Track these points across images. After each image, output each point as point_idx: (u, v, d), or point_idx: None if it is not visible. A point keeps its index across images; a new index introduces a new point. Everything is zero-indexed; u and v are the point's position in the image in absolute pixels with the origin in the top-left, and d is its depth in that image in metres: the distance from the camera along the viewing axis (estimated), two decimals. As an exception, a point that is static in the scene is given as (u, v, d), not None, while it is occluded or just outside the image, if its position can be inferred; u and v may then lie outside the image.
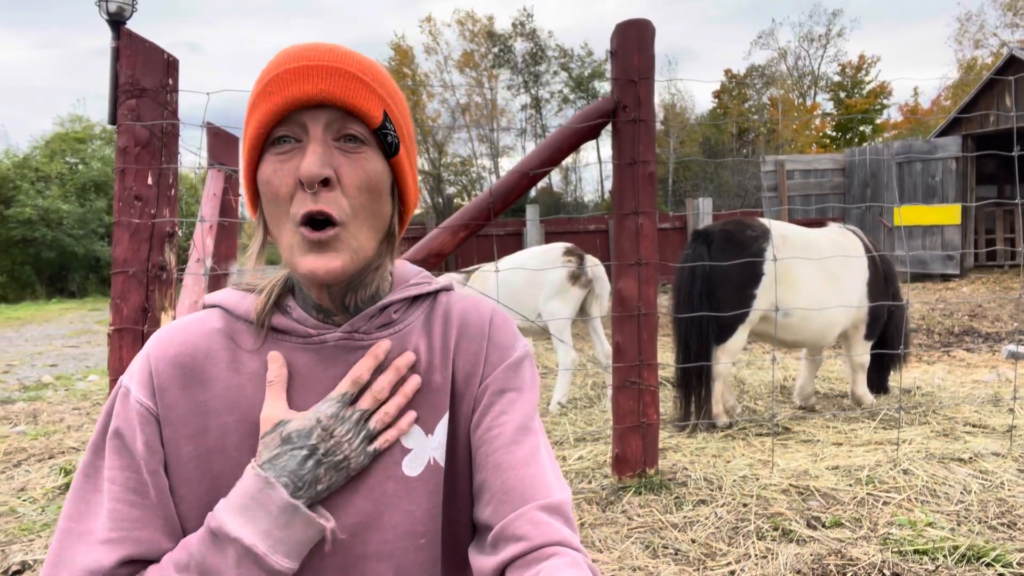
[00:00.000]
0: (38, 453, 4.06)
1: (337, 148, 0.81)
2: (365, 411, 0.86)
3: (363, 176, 0.82)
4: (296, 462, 0.81)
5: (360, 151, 0.82)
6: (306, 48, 0.82)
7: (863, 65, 36.06)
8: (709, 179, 28.74)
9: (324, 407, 0.85)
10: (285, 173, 0.81)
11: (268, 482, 0.80)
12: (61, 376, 7.09)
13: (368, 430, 0.85)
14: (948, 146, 13.43)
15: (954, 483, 3.08)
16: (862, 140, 35.04)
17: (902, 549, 2.47)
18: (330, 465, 0.83)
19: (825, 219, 8.99)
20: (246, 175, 0.85)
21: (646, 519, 2.86)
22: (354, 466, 0.84)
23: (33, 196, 21.68)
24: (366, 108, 0.81)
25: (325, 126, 0.80)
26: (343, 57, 0.82)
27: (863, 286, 4.52)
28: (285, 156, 0.81)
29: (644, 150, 3.11)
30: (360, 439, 0.85)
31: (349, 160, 0.82)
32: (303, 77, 0.79)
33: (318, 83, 0.79)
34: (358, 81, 0.81)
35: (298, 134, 0.81)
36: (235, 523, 0.78)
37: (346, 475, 0.84)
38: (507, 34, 32.63)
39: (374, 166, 0.83)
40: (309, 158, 0.78)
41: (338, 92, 0.79)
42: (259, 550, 0.77)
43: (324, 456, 0.82)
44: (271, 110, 0.79)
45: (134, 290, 2.75)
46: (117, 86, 2.79)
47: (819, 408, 4.76)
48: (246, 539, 0.77)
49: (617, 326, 3.17)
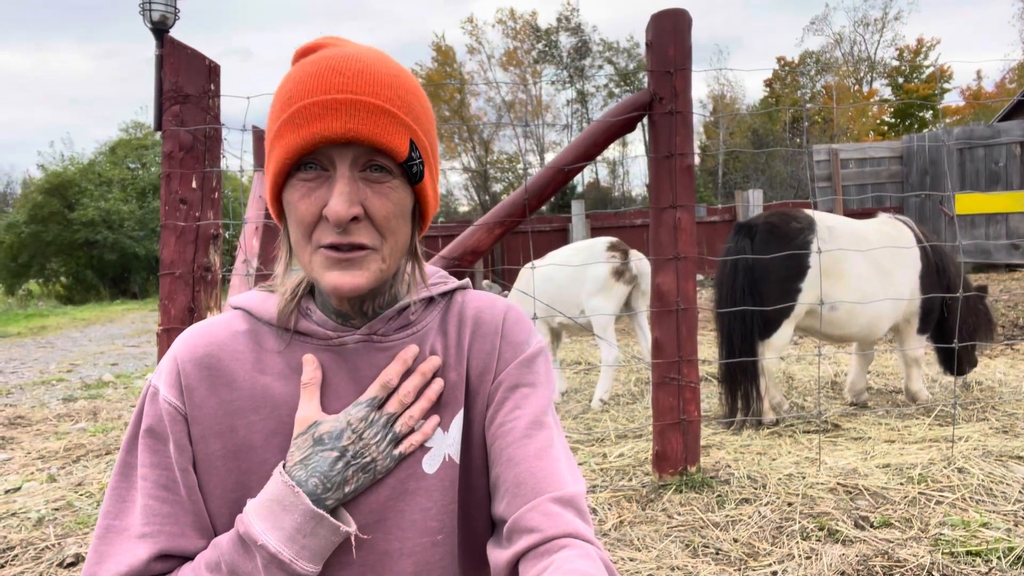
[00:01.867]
0: (96, 449, 4.22)
1: (363, 179, 0.82)
2: (392, 415, 0.88)
3: (390, 208, 0.83)
4: (327, 464, 0.83)
5: (386, 181, 0.83)
6: (331, 71, 0.80)
7: (921, 49, 34.78)
8: (761, 170, 28.10)
9: (354, 410, 0.87)
10: (311, 202, 0.81)
11: (294, 490, 0.81)
12: (121, 375, 7.35)
13: (394, 433, 0.87)
14: (1011, 130, 12.85)
15: (1012, 482, 2.95)
16: (922, 126, 33.81)
17: (953, 551, 2.37)
18: (358, 467, 0.85)
19: (875, 209, 8.69)
20: (272, 194, 0.86)
21: (687, 517, 2.82)
22: (380, 468, 0.86)
23: (96, 199, 22.50)
24: (393, 144, 0.81)
25: (352, 161, 0.81)
26: (370, 85, 0.80)
27: (915, 278, 4.36)
28: (311, 184, 0.82)
29: (681, 142, 3.06)
30: (387, 442, 0.87)
31: (376, 192, 0.82)
32: (330, 113, 0.78)
33: (346, 121, 0.78)
34: (385, 115, 0.80)
35: (324, 164, 0.81)
36: (261, 527, 0.80)
37: (372, 477, 0.86)
38: (552, 28, 32.51)
39: (399, 195, 0.84)
40: (336, 199, 0.79)
41: (365, 131, 0.79)
42: (284, 556, 0.79)
43: (353, 458, 0.84)
44: (298, 144, 0.79)
45: (180, 291, 2.83)
46: (162, 93, 2.88)
47: (871, 404, 4.62)
48: (271, 546, 0.79)
49: (656, 322, 3.13)
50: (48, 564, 2.63)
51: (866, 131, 33.21)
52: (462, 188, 34.97)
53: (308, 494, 0.82)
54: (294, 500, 0.81)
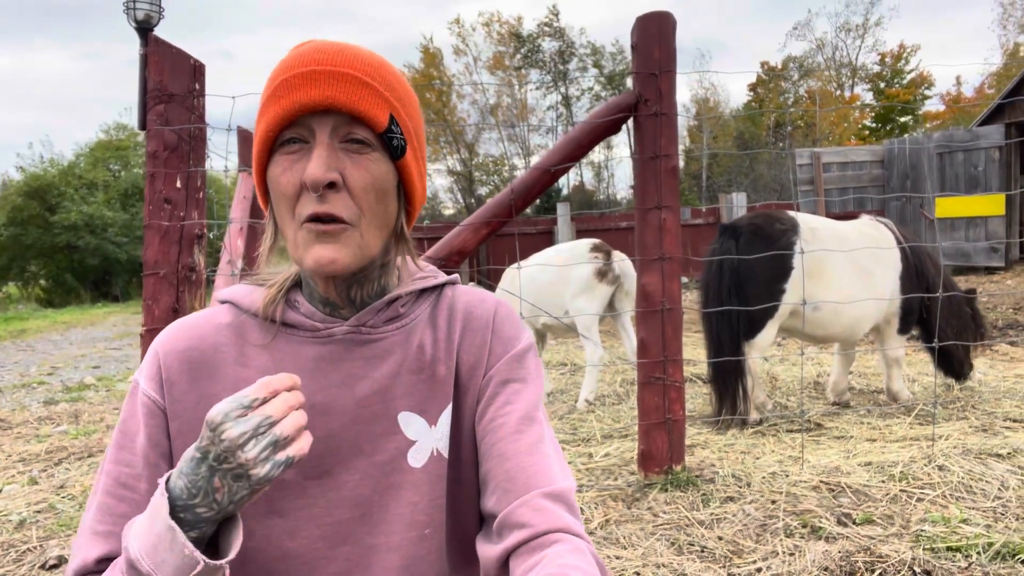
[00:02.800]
0: (78, 452, 4.18)
1: (343, 150, 0.83)
2: (268, 416, 0.73)
3: (368, 178, 0.83)
4: (191, 466, 0.73)
5: (365, 153, 0.83)
6: (315, 50, 0.83)
7: (903, 54, 35.21)
8: (744, 173, 28.30)
9: (217, 406, 0.73)
10: (292, 174, 0.82)
11: (162, 492, 0.74)
12: (103, 377, 7.28)
13: (275, 436, 0.73)
14: (990, 135, 13.04)
15: (991, 479, 2.99)
16: (903, 131, 34.20)
17: (934, 546, 2.41)
18: (225, 472, 0.72)
19: (857, 212, 8.79)
20: (257, 173, 0.87)
21: (672, 516, 2.84)
22: (258, 477, 0.72)
23: (78, 202, 22.24)
24: (371, 113, 0.82)
25: (331, 130, 0.82)
26: (350, 60, 0.83)
27: (895, 279, 4.42)
28: (293, 157, 0.83)
29: (666, 144, 3.08)
30: (262, 448, 0.72)
31: (354, 162, 0.83)
32: (310, 82, 0.80)
33: (324, 89, 0.80)
34: (364, 86, 0.82)
35: (305, 136, 0.82)
36: (134, 532, 0.74)
37: (249, 487, 0.73)
38: (534, 34, 32.57)
39: (379, 168, 0.84)
40: (314, 163, 0.80)
41: (343, 98, 0.80)
42: (142, 568, 0.71)
43: (215, 461, 0.72)
44: (279, 114, 0.81)
45: (164, 291, 2.81)
46: (146, 92, 2.86)
47: (853, 404, 4.67)
48: (131, 551, 0.72)
49: (641, 322, 3.15)
50: (30, 567, 2.61)
51: (848, 136, 33.54)
52: (447, 191, 34.96)
53: (175, 499, 0.73)
54: (159, 503, 0.73)
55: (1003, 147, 12.92)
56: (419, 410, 0.92)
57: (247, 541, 0.86)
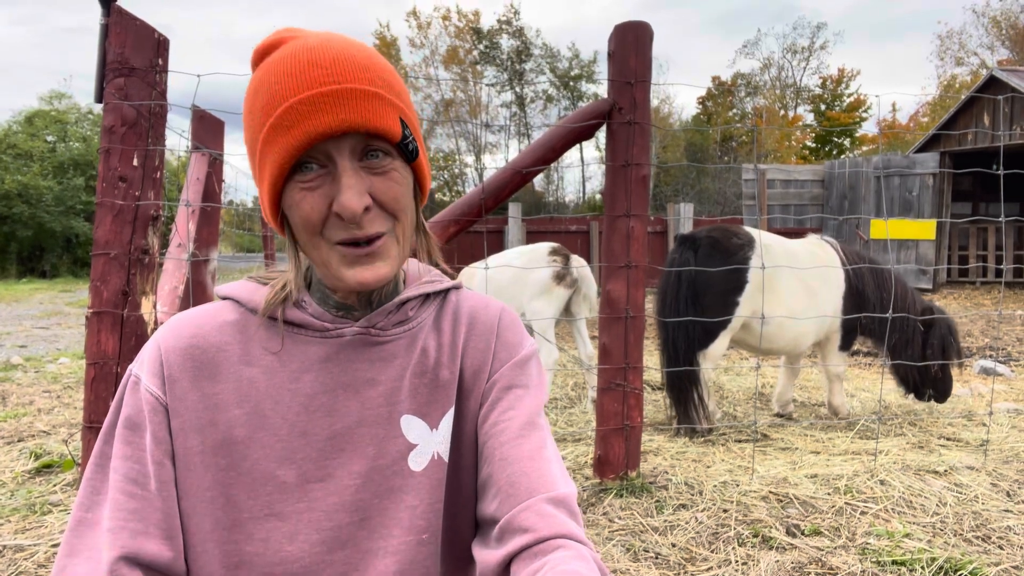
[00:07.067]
0: (7, 436, 3.96)
1: (365, 168, 0.80)
2: None
3: (397, 189, 0.82)
4: None
5: (386, 165, 0.81)
6: (310, 64, 0.76)
7: (843, 78, 36.55)
8: (691, 185, 28.94)
9: None
10: (316, 199, 0.79)
11: None
12: (31, 358, 6.93)
13: None
14: (926, 162, 13.65)
15: (930, 495, 3.11)
16: (840, 152, 35.49)
17: (880, 560, 2.49)
18: None
19: (804, 230, 9.07)
20: (271, 202, 0.82)
21: (627, 522, 2.86)
22: None
23: (13, 172, 21.24)
24: (386, 126, 0.79)
25: (350, 152, 0.79)
26: (352, 70, 0.78)
27: (838, 298, 4.56)
28: (313, 183, 0.79)
29: (638, 153, 3.10)
30: None
31: (380, 179, 0.81)
32: (319, 109, 0.75)
33: (337, 113, 0.76)
34: (373, 98, 0.78)
35: (321, 160, 0.79)
36: None
37: None
38: (493, 30, 32.56)
39: (401, 176, 0.83)
40: (345, 194, 0.77)
41: (358, 119, 0.77)
42: None
43: None
44: (292, 145, 0.76)
45: (115, 273, 2.69)
46: (105, 64, 2.72)
47: (796, 416, 4.80)
48: None
49: (604, 328, 3.17)
50: (-45, 559, 2.45)
51: (790, 154, 34.63)
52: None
53: None
54: None
55: (937, 175, 13.54)
56: (421, 413, 0.91)
57: (244, 545, 0.84)
